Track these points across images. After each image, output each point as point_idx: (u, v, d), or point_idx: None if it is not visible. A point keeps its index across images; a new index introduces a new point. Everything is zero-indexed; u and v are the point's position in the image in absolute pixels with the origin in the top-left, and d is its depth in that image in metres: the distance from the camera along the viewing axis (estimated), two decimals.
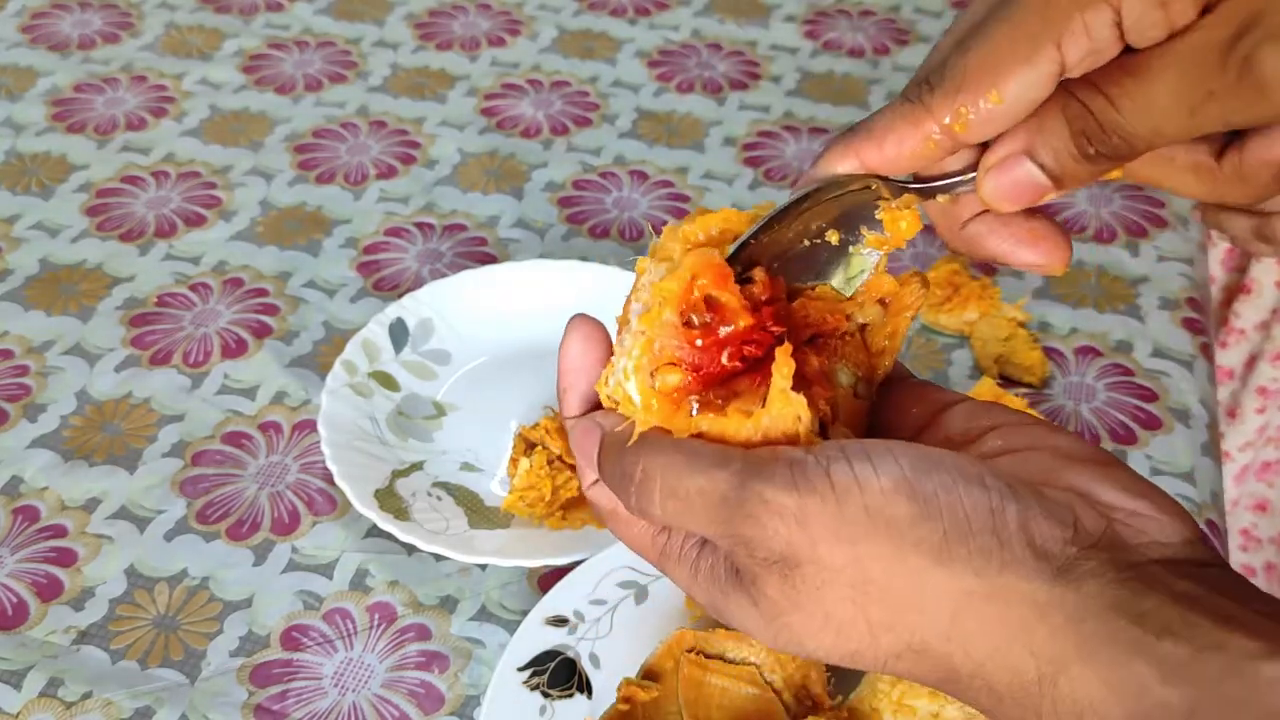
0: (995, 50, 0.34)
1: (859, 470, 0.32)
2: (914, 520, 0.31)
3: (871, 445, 0.33)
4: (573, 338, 0.38)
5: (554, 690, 0.58)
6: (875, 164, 0.37)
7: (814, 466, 0.32)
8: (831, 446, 0.33)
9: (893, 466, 0.32)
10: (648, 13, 1.10)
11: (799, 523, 0.32)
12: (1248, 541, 1.11)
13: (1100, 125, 0.34)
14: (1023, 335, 0.77)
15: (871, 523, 0.31)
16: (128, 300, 0.81)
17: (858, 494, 0.31)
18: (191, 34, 1.07)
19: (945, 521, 0.31)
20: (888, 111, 0.37)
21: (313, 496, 0.69)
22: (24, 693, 0.60)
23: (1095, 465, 0.34)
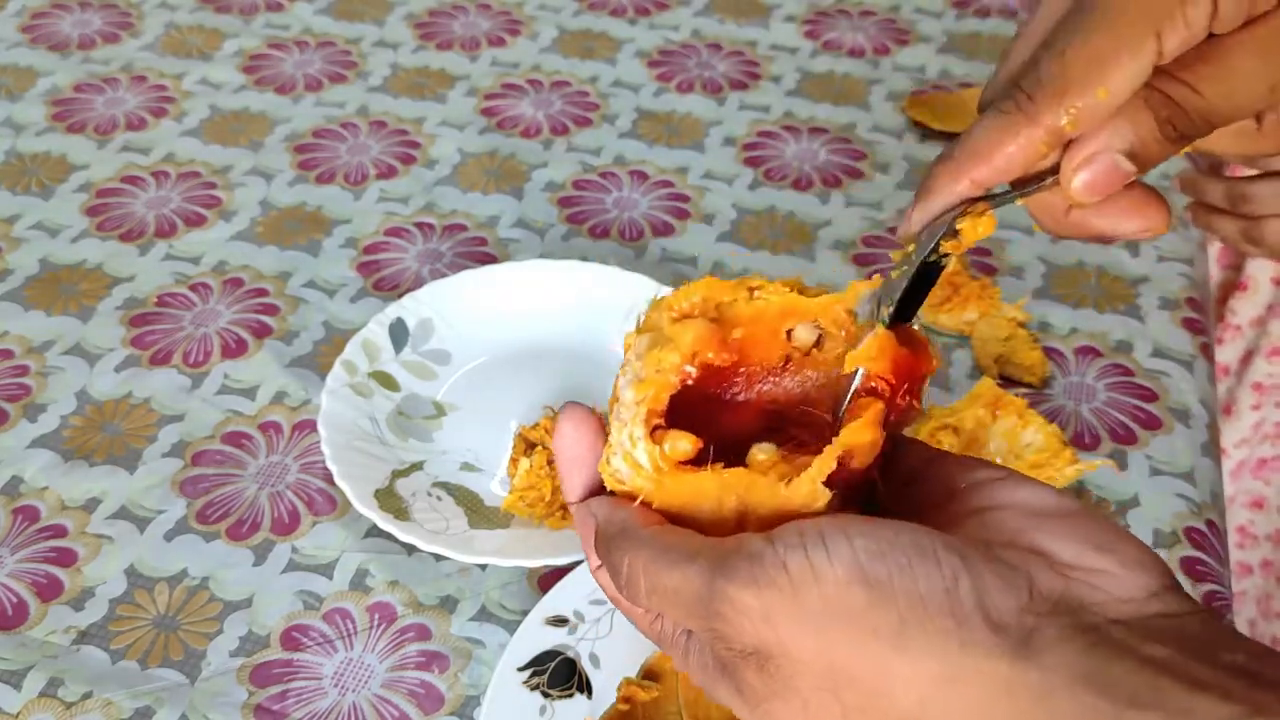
0: (1097, 48, 0.35)
1: (814, 559, 0.32)
2: (869, 607, 0.31)
3: (828, 528, 0.33)
4: (564, 426, 0.39)
5: (554, 690, 0.58)
6: (986, 180, 0.38)
7: (772, 559, 0.32)
8: (790, 533, 0.33)
9: (846, 552, 0.32)
10: (648, 13, 1.10)
11: (764, 619, 0.32)
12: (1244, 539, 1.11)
13: (1185, 110, 0.36)
14: (1023, 335, 0.77)
15: (830, 613, 0.32)
16: (128, 300, 0.81)
17: (813, 585, 0.32)
18: (191, 34, 1.07)
19: (900, 607, 0.31)
20: (987, 127, 0.37)
21: (313, 496, 0.69)
22: (24, 693, 0.60)
23: (1062, 519, 0.34)
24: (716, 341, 0.38)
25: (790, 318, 0.39)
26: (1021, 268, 0.84)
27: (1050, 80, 0.36)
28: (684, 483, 0.36)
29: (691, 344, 0.37)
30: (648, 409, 0.37)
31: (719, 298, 0.39)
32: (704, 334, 0.37)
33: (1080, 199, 0.37)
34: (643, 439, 0.36)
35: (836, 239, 0.86)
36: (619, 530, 0.36)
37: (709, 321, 0.38)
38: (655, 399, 0.37)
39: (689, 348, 0.37)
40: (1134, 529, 0.67)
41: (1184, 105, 0.36)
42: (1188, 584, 0.65)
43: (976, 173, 0.38)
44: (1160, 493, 0.69)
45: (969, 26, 1.08)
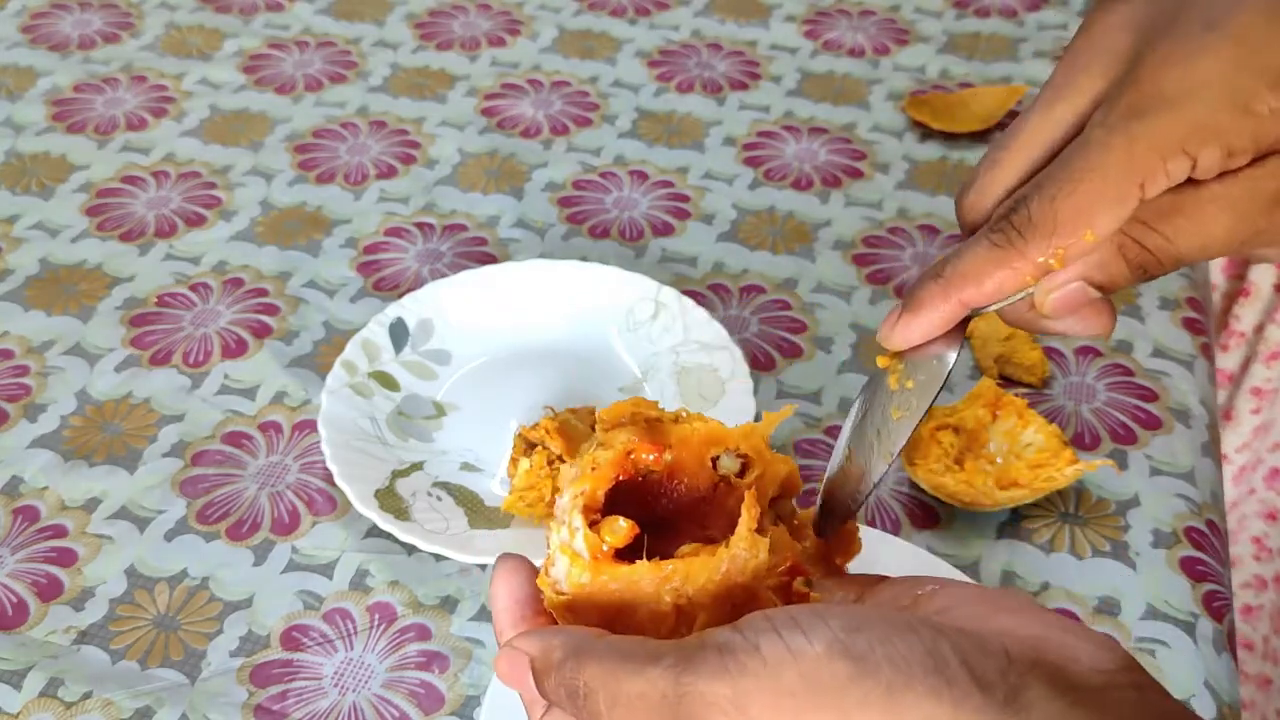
0: (1085, 196, 0.38)
1: (789, 639, 0.32)
2: (853, 679, 0.31)
3: (797, 611, 0.33)
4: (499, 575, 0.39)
5: None
6: (974, 302, 0.41)
7: (742, 645, 0.32)
8: (758, 620, 0.33)
9: (823, 629, 0.32)
10: (648, 13, 1.10)
11: (738, 709, 0.32)
12: (1260, 550, 1.11)
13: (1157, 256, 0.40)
14: (1023, 335, 0.77)
15: (811, 691, 0.31)
16: (128, 300, 0.81)
17: (792, 664, 0.31)
18: (191, 34, 1.07)
19: (886, 673, 0.31)
20: (979, 256, 0.40)
21: (313, 496, 0.69)
22: (24, 693, 0.60)
23: (1017, 607, 0.35)
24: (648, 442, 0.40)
25: (714, 445, 0.41)
26: None
27: (1041, 223, 0.39)
28: (621, 576, 0.37)
29: (625, 443, 0.39)
30: (585, 502, 0.38)
31: (647, 412, 0.41)
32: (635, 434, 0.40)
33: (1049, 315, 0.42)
34: (581, 528, 0.38)
35: (836, 239, 0.86)
36: (570, 650, 0.35)
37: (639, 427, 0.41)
38: (591, 494, 0.39)
39: (623, 446, 0.39)
40: (1134, 529, 0.67)
41: (1157, 253, 0.40)
42: (1188, 584, 0.65)
43: (965, 295, 0.41)
44: (1160, 493, 0.69)
45: (969, 26, 1.08)
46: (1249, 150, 0.37)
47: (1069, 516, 0.68)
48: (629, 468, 0.39)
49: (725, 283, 0.83)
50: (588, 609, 0.37)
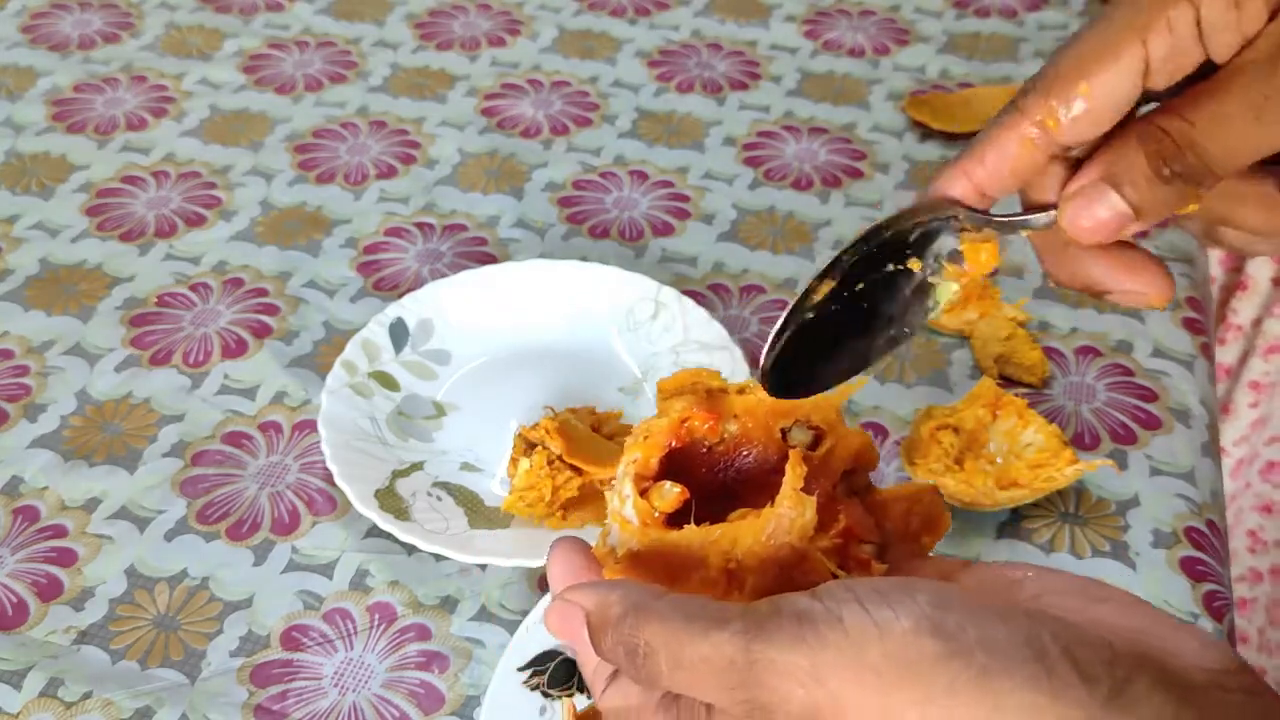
0: (1085, 48, 0.36)
1: (875, 612, 0.30)
2: (942, 659, 0.29)
3: (881, 583, 0.31)
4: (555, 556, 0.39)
5: (554, 690, 0.58)
6: (982, 180, 0.38)
7: (824, 616, 0.30)
8: (838, 589, 0.31)
9: (911, 605, 0.30)
10: (648, 13, 1.10)
11: (817, 681, 0.29)
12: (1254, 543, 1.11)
13: (1176, 143, 0.35)
14: (1023, 335, 0.77)
15: (897, 669, 0.29)
16: (128, 300, 0.81)
17: (877, 639, 0.29)
18: (191, 34, 1.07)
19: (980, 657, 0.29)
20: (990, 125, 0.38)
21: (313, 496, 0.69)
22: (24, 693, 0.60)
23: (1123, 603, 0.32)
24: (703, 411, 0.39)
25: (783, 417, 0.40)
26: (1021, 268, 0.84)
27: (1043, 78, 0.36)
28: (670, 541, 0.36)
29: (679, 411, 0.39)
30: (636, 469, 0.38)
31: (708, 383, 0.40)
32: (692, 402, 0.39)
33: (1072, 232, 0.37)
34: (631, 495, 0.37)
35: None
36: (630, 605, 0.33)
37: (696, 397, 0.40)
38: (643, 462, 0.38)
39: (677, 415, 0.39)
40: (1134, 529, 0.67)
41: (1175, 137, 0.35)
42: (1188, 584, 0.65)
43: (972, 170, 0.38)
44: (1160, 493, 0.69)
45: (969, 26, 1.08)
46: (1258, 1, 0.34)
47: (1069, 516, 0.68)
48: (684, 436, 0.38)
49: (725, 283, 0.83)
50: (642, 576, 0.36)
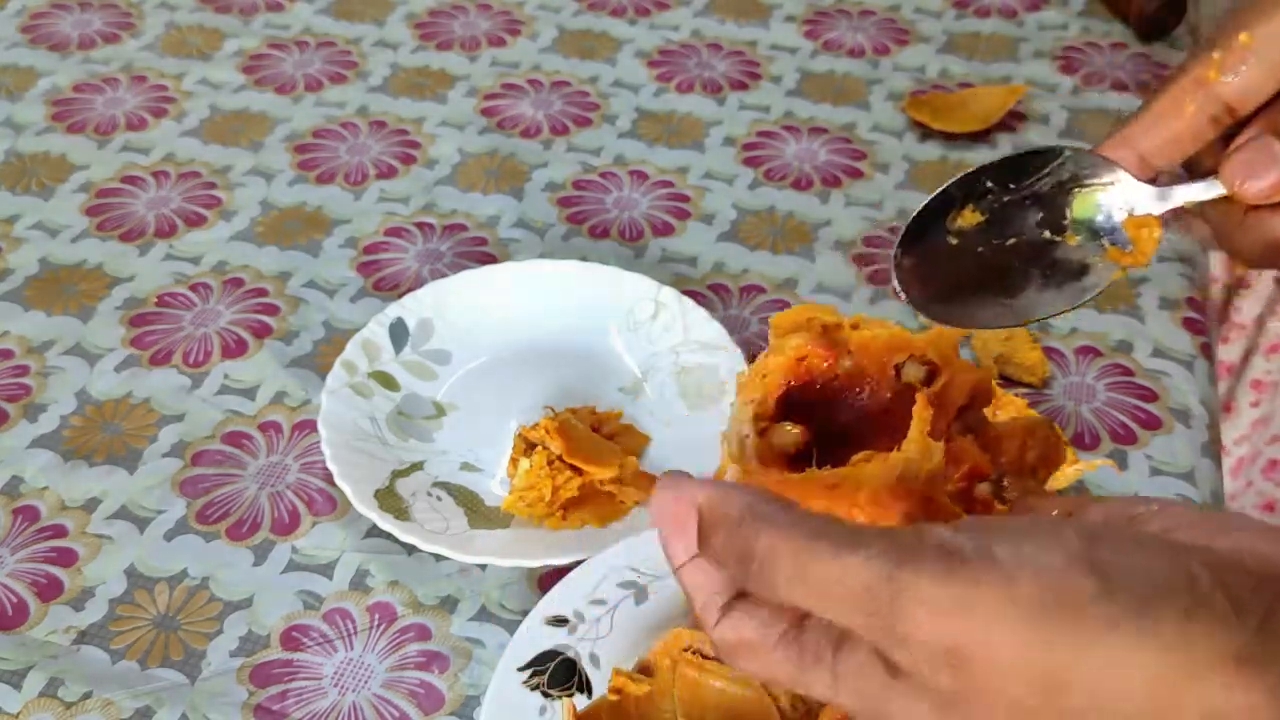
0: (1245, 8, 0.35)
1: (1026, 548, 0.29)
2: (1101, 596, 0.28)
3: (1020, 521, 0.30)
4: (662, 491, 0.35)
5: (554, 690, 0.58)
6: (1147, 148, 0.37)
7: (973, 549, 0.29)
8: (977, 526, 0.30)
9: (1061, 541, 0.29)
10: (648, 13, 1.10)
11: (965, 615, 0.28)
12: None
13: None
14: (1023, 335, 0.77)
15: (1053, 605, 0.28)
16: (128, 300, 0.81)
17: (1031, 575, 0.28)
18: (191, 34, 1.07)
19: (1139, 587, 0.28)
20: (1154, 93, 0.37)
21: (313, 496, 0.69)
22: (24, 693, 0.60)
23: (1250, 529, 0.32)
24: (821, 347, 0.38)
25: (897, 352, 0.38)
26: None
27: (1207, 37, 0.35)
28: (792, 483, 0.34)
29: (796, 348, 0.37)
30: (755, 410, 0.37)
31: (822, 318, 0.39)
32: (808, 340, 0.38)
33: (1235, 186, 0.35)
34: (751, 434, 0.36)
35: (836, 239, 0.86)
36: (751, 511, 0.31)
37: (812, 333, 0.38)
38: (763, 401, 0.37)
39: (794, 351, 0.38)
40: None
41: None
42: None
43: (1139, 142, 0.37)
44: (1160, 493, 0.69)
45: (969, 26, 1.08)
46: None
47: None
48: (802, 374, 0.37)
49: (725, 283, 0.83)
50: None
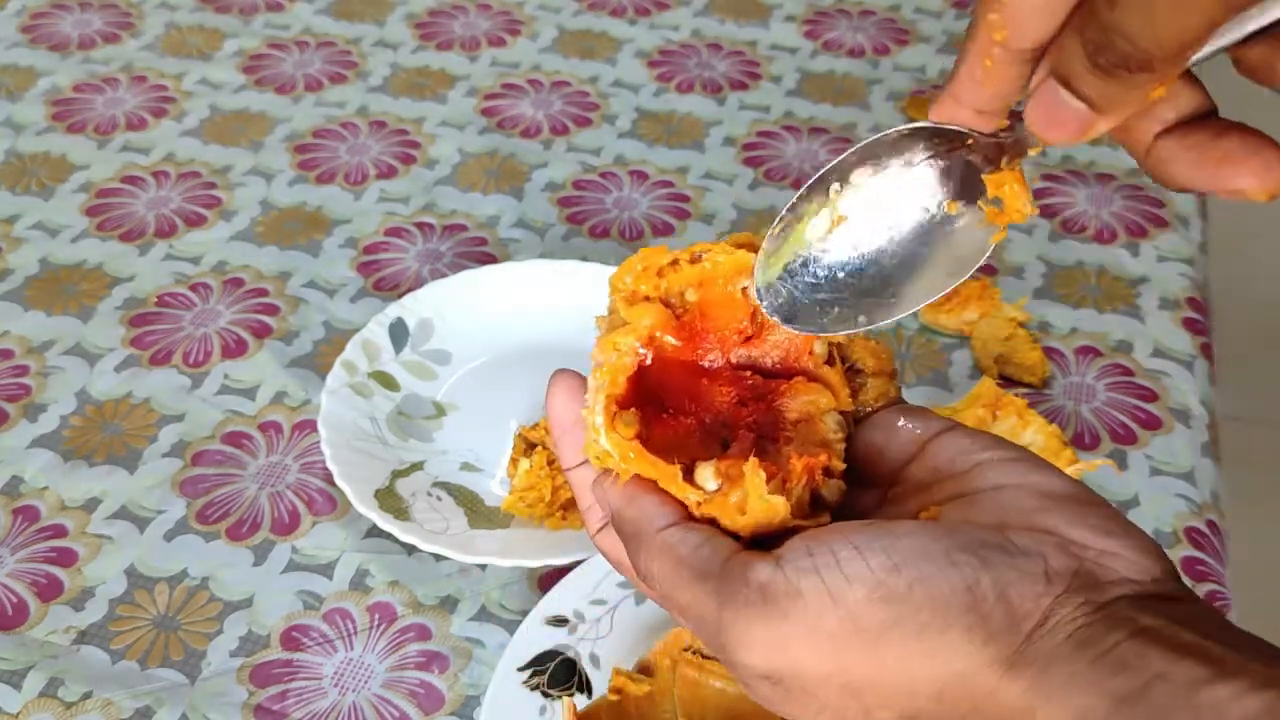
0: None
1: (830, 583, 0.33)
2: (893, 624, 0.32)
3: (837, 543, 0.33)
4: (555, 393, 0.40)
5: (554, 690, 0.58)
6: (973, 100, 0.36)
7: (784, 587, 0.33)
8: (800, 554, 0.33)
9: (863, 571, 0.33)
10: (648, 13, 1.10)
11: (777, 649, 0.33)
12: None
13: (1102, 27, 0.31)
14: (1023, 335, 0.77)
15: (851, 634, 0.32)
16: (128, 300, 0.81)
17: (832, 609, 0.32)
18: (191, 34, 1.07)
19: (924, 615, 0.32)
20: (962, 45, 0.36)
21: (313, 496, 0.69)
22: (24, 693, 0.60)
23: (1073, 504, 0.35)
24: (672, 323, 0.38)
25: (742, 275, 0.39)
26: (1021, 268, 0.84)
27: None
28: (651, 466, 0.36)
29: (648, 327, 0.38)
30: (606, 395, 0.37)
31: (659, 262, 0.39)
32: (659, 316, 0.38)
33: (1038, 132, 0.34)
34: (604, 427, 0.37)
35: None
36: (633, 534, 0.37)
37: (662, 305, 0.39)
38: (612, 384, 0.38)
39: (645, 331, 0.38)
40: None
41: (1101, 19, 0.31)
42: (1189, 584, 0.65)
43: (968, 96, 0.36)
44: (1160, 493, 0.69)
45: None
46: None
47: None
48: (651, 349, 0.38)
49: None
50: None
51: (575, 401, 0.40)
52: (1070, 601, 0.32)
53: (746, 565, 0.34)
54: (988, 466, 0.36)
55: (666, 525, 0.36)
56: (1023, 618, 0.32)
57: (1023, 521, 0.34)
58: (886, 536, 0.33)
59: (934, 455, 0.38)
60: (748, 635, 0.33)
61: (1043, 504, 0.35)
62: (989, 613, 0.32)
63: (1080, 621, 0.32)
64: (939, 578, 0.32)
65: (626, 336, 0.38)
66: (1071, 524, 0.34)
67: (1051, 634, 0.32)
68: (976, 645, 0.32)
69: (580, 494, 0.40)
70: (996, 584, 0.32)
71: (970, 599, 0.32)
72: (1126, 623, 0.31)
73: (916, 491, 0.38)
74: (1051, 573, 0.33)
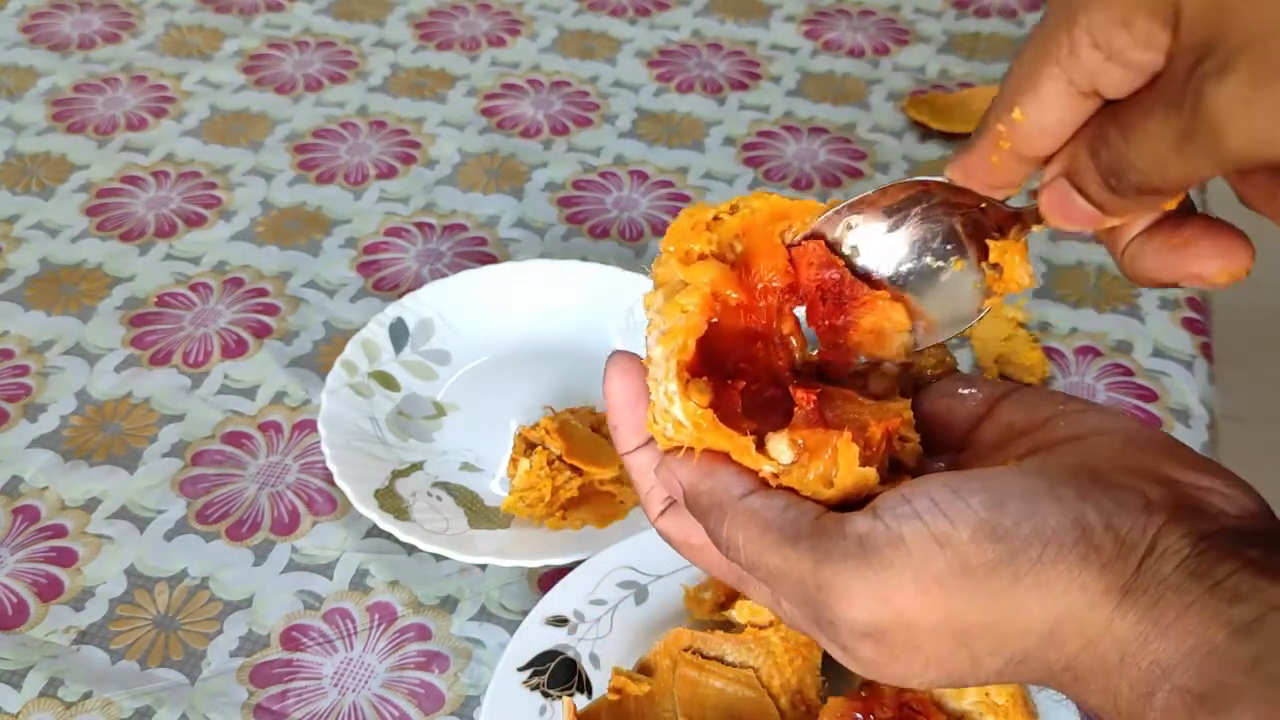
0: (1017, 70, 0.33)
1: (934, 526, 0.32)
2: (1004, 561, 0.31)
3: (935, 491, 0.33)
4: (613, 374, 0.38)
5: (554, 690, 0.58)
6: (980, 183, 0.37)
7: (885, 536, 0.32)
8: (896, 502, 0.33)
9: (967, 512, 0.32)
10: (648, 13, 1.10)
11: (881, 601, 0.32)
12: None
13: (1114, 157, 0.32)
14: (1023, 335, 0.77)
15: (960, 577, 0.32)
16: (128, 300, 0.81)
17: (938, 553, 0.32)
18: (191, 34, 1.07)
19: (1035, 549, 0.31)
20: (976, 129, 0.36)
21: (313, 496, 0.69)
22: (24, 693, 0.60)
23: (1160, 446, 0.34)
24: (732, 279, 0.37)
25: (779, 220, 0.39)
26: None
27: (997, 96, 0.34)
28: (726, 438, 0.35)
29: (710, 283, 0.37)
30: (677, 361, 0.36)
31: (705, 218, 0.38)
32: (720, 273, 0.37)
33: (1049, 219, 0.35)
34: (678, 395, 0.35)
35: None
36: (714, 502, 0.35)
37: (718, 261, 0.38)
38: (684, 349, 0.36)
39: (708, 287, 0.37)
40: None
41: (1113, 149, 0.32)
42: None
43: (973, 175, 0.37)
44: None
45: (969, 26, 1.08)
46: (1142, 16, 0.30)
47: None
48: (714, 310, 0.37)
49: None
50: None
51: (635, 379, 0.38)
52: (1174, 531, 0.32)
53: (841, 520, 0.33)
54: (1063, 417, 0.36)
55: (747, 493, 0.35)
56: (1131, 547, 0.31)
57: (1112, 463, 0.34)
58: (981, 479, 0.33)
59: (1005, 414, 0.37)
60: (850, 589, 0.32)
61: (1128, 447, 0.34)
62: (1099, 543, 0.31)
63: (1187, 551, 0.31)
64: (1044, 511, 0.32)
65: (691, 296, 0.36)
66: (1162, 462, 0.34)
67: (1161, 563, 0.31)
68: (1092, 575, 0.31)
69: (639, 479, 0.39)
70: (1101, 515, 0.32)
71: (1079, 530, 0.31)
72: (1234, 554, 0.31)
73: (990, 452, 0.37)
74: (1152, 504, 0.32)
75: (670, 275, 0.38)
